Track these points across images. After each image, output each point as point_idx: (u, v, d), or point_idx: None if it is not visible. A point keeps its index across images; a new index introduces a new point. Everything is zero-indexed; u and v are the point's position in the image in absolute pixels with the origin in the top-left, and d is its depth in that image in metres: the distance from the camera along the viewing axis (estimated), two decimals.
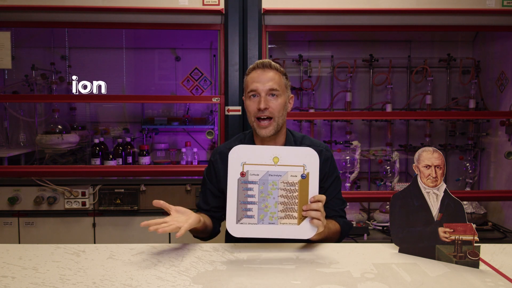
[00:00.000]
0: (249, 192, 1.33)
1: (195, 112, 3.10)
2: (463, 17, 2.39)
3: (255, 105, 1.50)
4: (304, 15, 2.37)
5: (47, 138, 2.59)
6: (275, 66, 1.53)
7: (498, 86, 2.80)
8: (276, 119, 1.50)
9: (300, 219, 1.32)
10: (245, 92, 1.56)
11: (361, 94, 3.07)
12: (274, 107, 1.49)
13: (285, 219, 1.32)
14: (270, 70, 1.52)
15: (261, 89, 1.49)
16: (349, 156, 2.87)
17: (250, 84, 1.52)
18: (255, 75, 1.52)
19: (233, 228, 1.32)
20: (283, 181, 1.32)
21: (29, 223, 2.42)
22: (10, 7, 2.28)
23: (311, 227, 1.31)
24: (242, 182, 1.33)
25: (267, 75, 1.50)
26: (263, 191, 1.33)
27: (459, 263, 1.24)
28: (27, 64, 2.82)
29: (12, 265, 1.21)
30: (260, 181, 1.32)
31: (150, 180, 2.47)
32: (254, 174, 1.32)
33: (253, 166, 1.32)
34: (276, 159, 1.33)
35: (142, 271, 1.18)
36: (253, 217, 1.32)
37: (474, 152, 2.96)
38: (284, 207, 1.32)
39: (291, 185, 1.33)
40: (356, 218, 2.74)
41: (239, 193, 1.33)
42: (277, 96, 1.50)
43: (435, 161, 1.30)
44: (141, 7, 2.30)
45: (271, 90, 1.49)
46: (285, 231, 1.32)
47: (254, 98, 1.51)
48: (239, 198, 1.32)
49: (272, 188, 1.33)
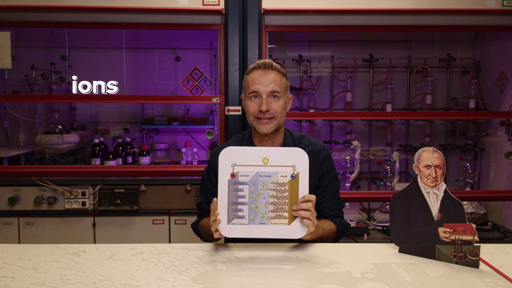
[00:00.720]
0: (240, 193, 1.34)
1: (195, 112, 3.10)
2: (463, 17, 2.39)
3: (256, 106, 1.50)
4: (304, 15, 2.37)
5: (47, 138, 2.59)
6: (276, 67, 1.53)
7: (498, 86, 2.80)
8: (277, 118, 1.52)
9: (290, 219, 1.33)
10: (245, 91, 1.56)
11: (361, 94, 3.07)
12: (276, 108, 1.50)
13: (276, 219, 1.33)
14: (272, 71, 1.52)
15: (262, 91, 1.49)
16: (349, 156, 2.87)
17: (251, 85, 1.51)
18: (256, 75, 1.52)
19: (224, 228, 1.33)
20: (273, 181, 1.33)
21: (29, 223, 2.42)
22: (10, 7, 2.28)
23: (302, 227, 1.32)
24: (233, 183, 1.34)
25: (268, 77, 1.50)
26: (254, 192, 1.34)
27: (459, 263, 1.24)
28: (27, 64, 2.82)
29: (12, 265, 1.21)
30: (250, 182, 1.33)
31: (150, 180, 2.47)
32: (244, 175, 1.34)
33: (243, 167, 1.34)
34: (266, 160, 1.34)
35: (142, 271, 1.18)
36: (244, 217, 1.33)
37: (474, 152, 2.96)
38: (274, 207, 1.33)
39: (281, 185, 1.34)
40: (356, 218, 2.74)
41: (230, 194, 1.34)
42: (278, 97, 1.51)
43: (435, 161, 1.30)
44: (141, 7, 2.30)
45: (272, 92, 1.50)
46: (276, 231, 1.33)
47: (255, 99, 1.51)
48: (229, 199, 1.33)
49: (263, 189, 1.34)
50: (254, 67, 1.54)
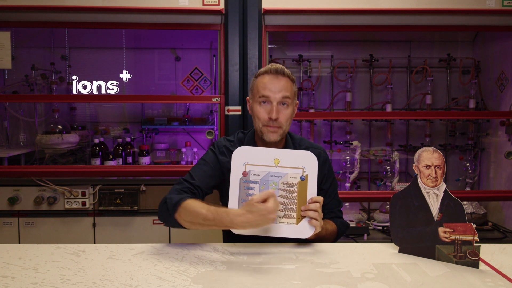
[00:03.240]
0: (250, 191, 1.37)
1: (195, 112, 3.10)
2: (463, 17, 2.39)
3: (265, 113, 1.48)
4: (304, 15, 2.37)
5: (47, 138, 2.59)
6: (287, 73, 1.51)
7: (498, 86, 2.80)
8: (284, 128, 1.51)
9: (298, 219, 1.35)
10: (254, 95, 1.53)
11: (361, 94, 3.07)
12: (283, 117, 1.49)
13: (284, 219, 1.36)
14: (283, 78, 1.50)
15: (273, 98, 1.48)
16: (349, 156, 2.87)
17: (262, 90, 1.49)
18: (266, 80, 1.49)
19: None
20: (283, 182, 1.37)
21: (29, 223, 2.42)
22: (10, 7, 2.28)
23: (309, 227, 1.35)
24: (244, 181, 1.37)
25: (280, 83, 1.48)
26: (264, 191, 1.35)
27: (459, 263, 1.24)
28: (27, 64, 2.82)
29: (12, 265, 1.21)
30: (261, 181, 1.37)
31: (150, 180, 2.47)
32: (255, 174, 1.37)
33: (255, 166, 1.37)
34: (277, 160, 1.38)
35: (142, 271, 1.18)
36: None
37: (474, 152, 2.96)
38: (283, 207, 1.36)
39: (290, 186, 1.37)
40: (356, 218, 2.74)
41: (241, 191, 1.37)
42: (287, 105, 1.50)
43: (435, 161, 1.30)
44: (141, 7, 2.30)
45: (283, 99, 1.48)
46: (284, 230, 1.36)
47: (264, 105, 1.49)
48: (240, 197, 1.36)
49: (273, 188, 1.37)
50: (266, 71, 1.52)
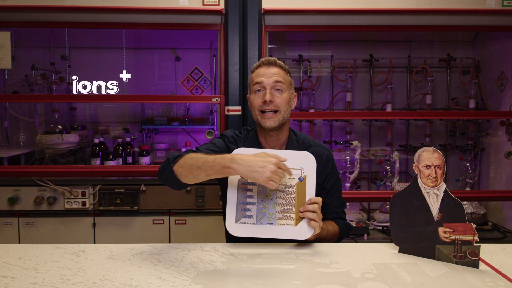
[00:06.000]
0: (249, 193, 1.37)
1: (195, 112, 3.10)
2: (463, 17, 2.39)
3: (260, 99, 1.51)
4: (304, 15, 2.37)
5: (47, 138, 2.59)
6: (279, 63, 1.56)
7: (498, 86, 2.80)
8: (282, 112, 1.52)
9: (297, 220, 1.35)
10: (250, 88, 1.57)
11: (361, 94, 3.07)
12: (280, 101, 1.51)
13: (283, 220, 1.35)
14: (275, 67, 1.55)
15: (266, 83, 1.51)
16: (349, 156, 2.87)
17: (255, 78, 1.54)
18: (260, 71, 1.55)
19: (232, 227, 1.35)
20: (281, 183, 1.35)
21: (29, 223, 2.42)
22: (10, 7, 2.28)
23: (308, 228, 1.34)
24: (242, 183, 1.37)
25: (272, 70, 1.53)
26: (262, 192, 1.36)
27: (459, 263, 1.24)
28: (27, 64, 2.82)
29: (12, 265, 1.21)
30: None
31: (150, 180, 2.47)
32: None
33: None
34: None
35: (142, 271, 1.18)
36: (252, 217, 1.35)
37: (474, 152, 2.95)
38: (282, 208, 1.35)
39: (289, 187, 1.36)
40: (356, 218, 2.74)
41: (239, 193, 1.36)
42: (282, 90, 1.52)
43: (435, 161, 1.30)
44: (141, 7, 2.30)
45: (276, 83, 1.51)
46: (283, 231, 1.35)
47: (259, 93, 1.53)
48: (238, 199, 1.35)
49: (271, 190, 1.35)
50: (258, 65, 1.57)
